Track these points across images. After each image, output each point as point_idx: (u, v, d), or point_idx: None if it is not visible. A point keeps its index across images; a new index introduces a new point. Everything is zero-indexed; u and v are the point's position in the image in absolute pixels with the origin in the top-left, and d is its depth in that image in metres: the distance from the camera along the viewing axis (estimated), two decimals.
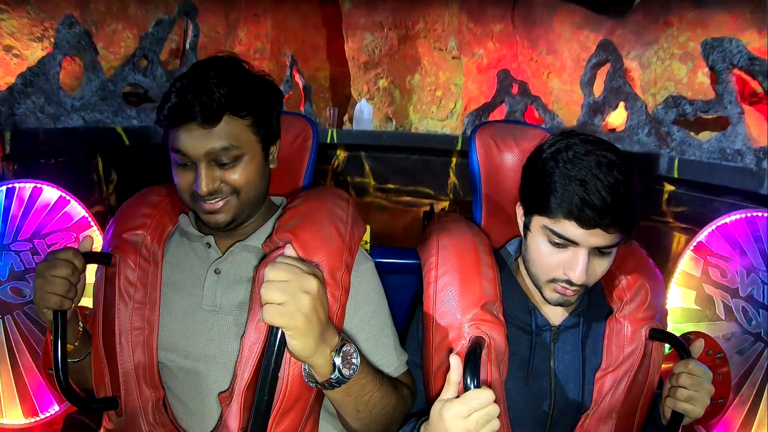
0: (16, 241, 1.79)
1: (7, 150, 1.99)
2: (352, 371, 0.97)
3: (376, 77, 3.99)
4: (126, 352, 1.12)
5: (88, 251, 1.14)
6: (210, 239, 1.18)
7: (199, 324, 1.14)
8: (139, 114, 2.64)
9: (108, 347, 1.13)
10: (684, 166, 2.31)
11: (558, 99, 3.31)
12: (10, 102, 2.12)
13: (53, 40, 2.29)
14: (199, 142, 1.06)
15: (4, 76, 2.34)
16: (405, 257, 1.40)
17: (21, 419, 1.77)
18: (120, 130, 2.50)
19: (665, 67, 2.63)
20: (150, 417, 1.13)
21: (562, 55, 3.20)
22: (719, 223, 1.76)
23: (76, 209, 1.91)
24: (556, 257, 1.10)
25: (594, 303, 1.24)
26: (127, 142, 2.51)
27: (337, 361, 0.95)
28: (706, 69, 2.34)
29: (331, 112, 3.83)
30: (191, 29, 3.03)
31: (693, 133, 2.39)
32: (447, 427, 0.95)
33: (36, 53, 2.27)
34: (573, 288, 1.10)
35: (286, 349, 0.92)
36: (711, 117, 2.31)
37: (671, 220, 2.42)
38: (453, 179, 3.61)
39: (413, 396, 1.20)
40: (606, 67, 2.83)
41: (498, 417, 0.95)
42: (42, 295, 1.04)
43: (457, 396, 0.97)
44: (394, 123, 4.05)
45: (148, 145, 2.62)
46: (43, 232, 1.83)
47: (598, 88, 2.90)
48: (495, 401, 0.94)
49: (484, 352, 1.09)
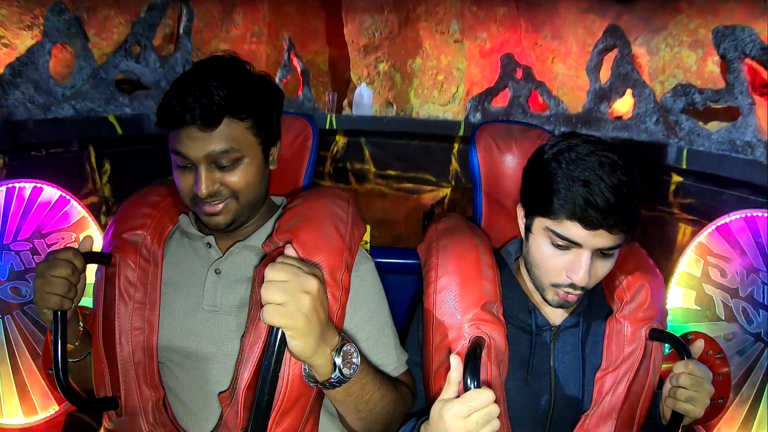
0: (16, 241, 1.80)
1: None
2: (352, 371, 0.99)
3: (376, 61, 3.97)
4: (126, 352, 1.15)
5: (88, 251, 1.16)
6: (210, 239, 1.21)
7: (200, 324, 1.17)
8: (132, 102, 2.63)
9: (108, 347, 1.16)
10: (693, 156, 2.31)
11: (563, 84, 3.31)
12: None
13: (43, 28, 2.27)
14: (199, 144, 1.09)
15: None
16: (405, 257, 1.44)
17: (21, 419, 1.79)
18: (112, 118, 2.49)
19: (674, 54, 2.62)
20: (150, 417, 1.16)
21: (567, 40, 3.19)
22: (719, 223, 1.78)
23: (76, 209, 1.93)
24: (558, 259, 1.12)
25: (594, 303, 1.27)
26: (120, 131, 2.51)
27: (338, 361, 0.97)
28: (716, 57, 2.33)
29: (330, 96, 3.82)
30: (185, 13, 2.99)
31: (701, 123, 2.39)
32: (447, 427, 0.97)
33: (26, 42, 2.24)
34: (576, 292, 1.13)
35: (286, 349, 0.94)
36: (721, 107, 2.31)
37: (677, 211, 2.42)
38: (455, 166, 3.60)
39: (413, 395, 1.22)
40: (613, 53, 2.82)
41: (498, 417, 0.97)
42: (42, 295, 1.07)
43: (457, 396, 0.99)
44: (394, 108, 4.04)
45: (141, 134, 2.62)
46: (43, 231, 1.85)
47: (604, 74, 2.90)
48: (495, 401, 0.96)
49: (484, 352, 1.12)
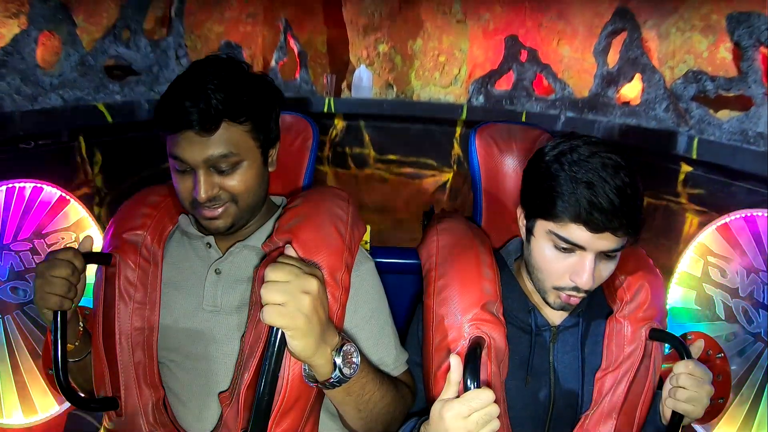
0: (15, 241, 1.83)
1: None
2: (352, 370, 1.03)
3: (375, 42, 3.97)
4: (126, 352, 1.19)
5: (88, 251, 1.20)
6: (210, 239, 1.25)
7: (200, 324, 1.20)
8: (123, 88, 2.64)
9: (108, 347, 1.20)
10: (703, 146, 2.33)
11: (569, 67, 3.32)
12: None
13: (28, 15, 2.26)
14: (197, 149, 1.11)
15: None
16: (405, 257, 1.47)
17: (21, 419, 1.83)
18: (102, 107, 2.50)
19: (685, 39, 2.62)
20: (150, 417, 1.19)
21: (573, 21, 3.20)
22: (719, 223, 1.82)
23: (76, 209, 1.96)
24: (561, 262, 1.14)
25: (594, 303, 1.29)
26: (110, 119, 2.53)
27: (338, 361, 1.01)
28: (728, 44, 2.34)
29: (329, 79, 3.83)
30: None
31: (712, 111, 2.41)
32: (447, 427, 1.00)
33: (12, 30, 2.23)
34: (579, 295, 1.16)
35: (286, 349, 0.98)
36: (732, 95, 2.33)
37: (685, 201, 2.46)
38: (457, 150, 3.62)
39: (413, 395, 1.27)
40: (622, 36, 2.83)
41: (498, 417, 1.00)
42: (42, 296, 1.10)
43: (457, 396, 1.02)
44: (395, 90, 4.04)
45: (132, 122, 2.63)
46: (43, 231, 1.88)
47: (612, 57, 2.91)
48: (495, 401, 1.00)
49: (484, 352, 1.15)
